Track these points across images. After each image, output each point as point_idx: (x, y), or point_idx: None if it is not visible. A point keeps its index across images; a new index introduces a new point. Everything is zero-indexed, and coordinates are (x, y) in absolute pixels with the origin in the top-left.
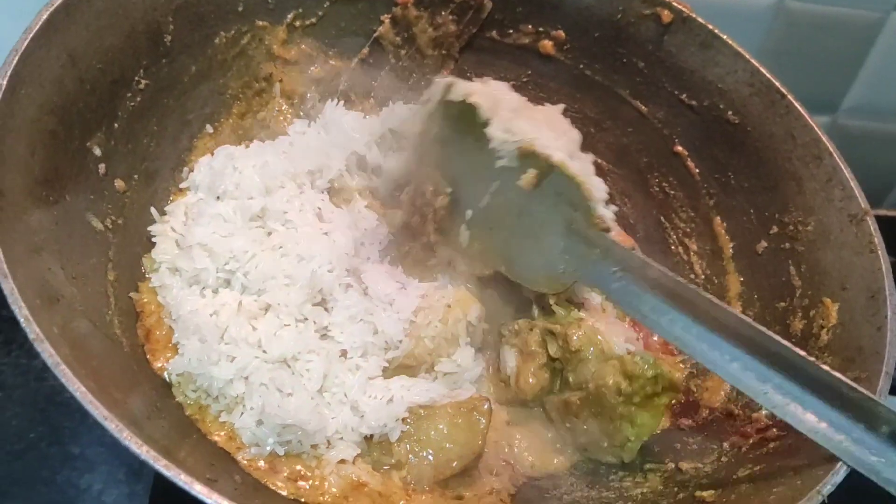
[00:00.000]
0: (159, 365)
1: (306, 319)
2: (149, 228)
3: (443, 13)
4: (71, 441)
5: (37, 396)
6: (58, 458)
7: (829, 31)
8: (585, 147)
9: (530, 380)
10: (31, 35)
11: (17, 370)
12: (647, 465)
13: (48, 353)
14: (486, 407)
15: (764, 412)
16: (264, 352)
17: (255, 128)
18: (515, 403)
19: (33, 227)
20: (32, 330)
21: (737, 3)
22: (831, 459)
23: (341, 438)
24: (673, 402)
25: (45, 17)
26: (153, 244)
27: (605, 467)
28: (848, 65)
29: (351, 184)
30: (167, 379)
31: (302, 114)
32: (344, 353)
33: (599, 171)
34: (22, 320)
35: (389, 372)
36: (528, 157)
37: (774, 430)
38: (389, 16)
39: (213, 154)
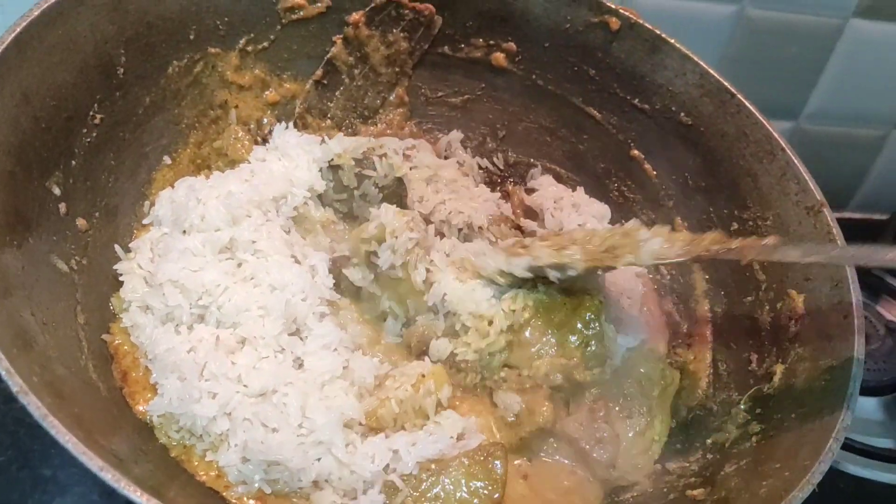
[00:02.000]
0: (140, 408)
1: (283, 350)
2: (115, 267)
3: (394, 31)
4: (42, 464)
5: (5, 419)
6: (28, 481)
7: (789, 37)
8: (541, 155)
9: (543, 408)
10: None
11: None
12: None
13: (34, 405)
14: (500, 451)
15: (743, 406)
16: (245, 386)
17: (213, 156)
18: (527, 444)
19: (3, 276)
20: (15, 382)
21: (697, 11)
22: (815, 451)
23: (328, 482)
24: None
25: None
26: (120, 283)
27: None
28: (809, 71)
29: (314, 214)
30: (149, 421)
31: (259, 139)
32: (321, 385)
33: (558, 178)
34: (3, 372)
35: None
36: None
37: (755, 423)
38: (341, 36)
39: (173, 186)
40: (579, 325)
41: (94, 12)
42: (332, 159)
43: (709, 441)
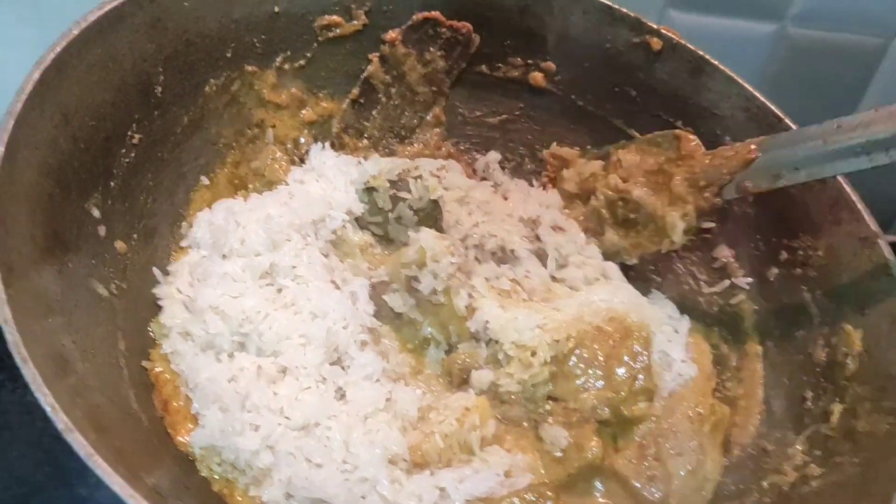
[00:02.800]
0: (181, 438)
1: (325, 380)
2: (153, 291)
3: (431, 49)
4: (79, 482)
5: (42, 436)
6: (65, 499)
7: (831, 57)
8: None
9: (592, 443)
10: (24, 96)
11: (22, 409)
12: None
13: (79, 443)
14: (551, 493)
15: (800, 447)
16: (287, 418)
17: (251, 176)
18: (574, 481)
19: (44, 301)
20: (61, 419)
21: (736, 30)
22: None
23: None
24: None
25: (36, 76)
26: (159, 308)
27: None
28: (851, 91)
29: (353, 238)
30: (190, 453)
31: (297, 159)
32: (364, 418)
33: None
34: (48, 409)
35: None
36: None
37: (814, 465)
38: (378, 54)
39: (210, 208)
40: (626, 358)
41: (133, 30)
42: (368, 181)
43: (765, 483)
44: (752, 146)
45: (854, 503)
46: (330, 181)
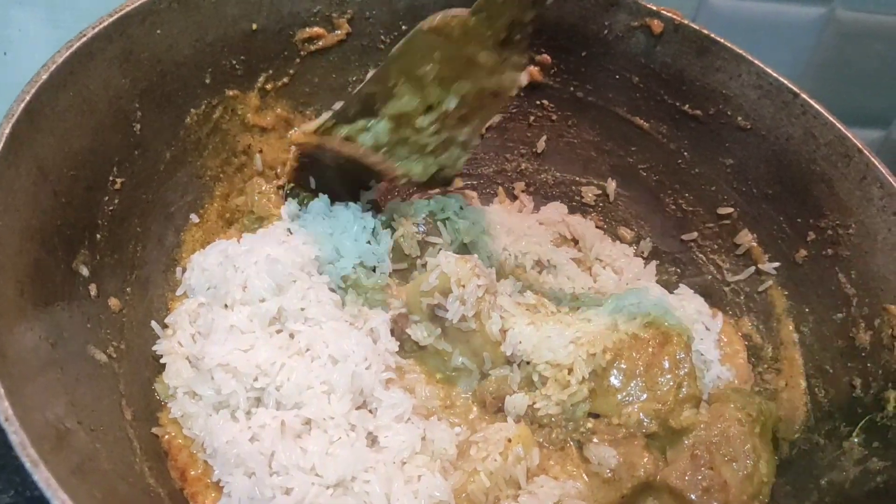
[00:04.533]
0: None
1: (354, 428)
2: (154, 348)
3: None
4: None
5: None
6: None
7: (881, 40)
8: (587, 172)
9: (644, 460)
10: None
11: None
12: None
13: None
14: None
15: (856, 440)
16: (319, 476)
17: (243, 209)
18: (629, 502)
19: (42, 384)
20: None
21: (782, 15)
22: None
23: None
24: None
25: (7, 130)
26: (162, 366)
27: None
28: None
29: (366, 283)
30: None
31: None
32: (401, 464)
33: (605, 196)
34: None
35: None
36: None
37: (875, 459)
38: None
39: (203, 250)
40: (668, 365)
41: (105, 66)
42: (392, 225)
43: (823, 481)
44: None
45: None
46: (339, 223)
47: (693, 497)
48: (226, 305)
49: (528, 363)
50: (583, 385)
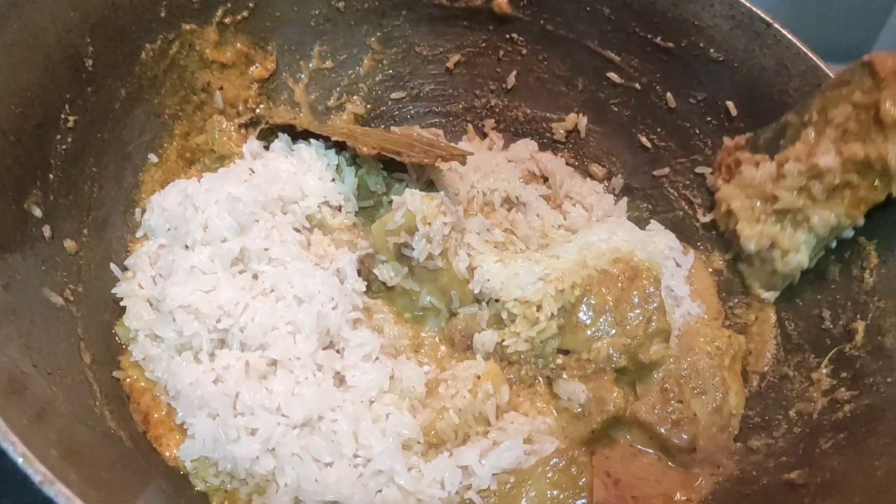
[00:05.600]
0: (170, 453)
1: (321, 368)
2: (113, 290)
3: None
4: None
5: None
6: None
7: None
8: (558, 108)
9: (613, 394)
10: None
11: None
12: None
13: (62, 494)
14: (583, 459)
15: (824, 370)
16: (286, 416)
17: (204, 149)
18: (598, 437)
19: None
20: (37, 471)
21: None
22: None
23: None
24: None
25: None
26: (123, 308)
27: None
28: (877, 10)
29: (331, 222)
30: (182, 467)
31: (248, 124)
32: (369, 403)
33: (576, 132)
34: (20, 461)
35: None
36: None
37: (843, 389)
38: None
39: (163, 190)
40: (637, 299)
41: None
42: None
43: (792, 412)
44: None
45: (895, 426)
46: (304, 162)
47: (663, 430)
48: (186, 246)
49: (496, 301)
50: (552, 321)
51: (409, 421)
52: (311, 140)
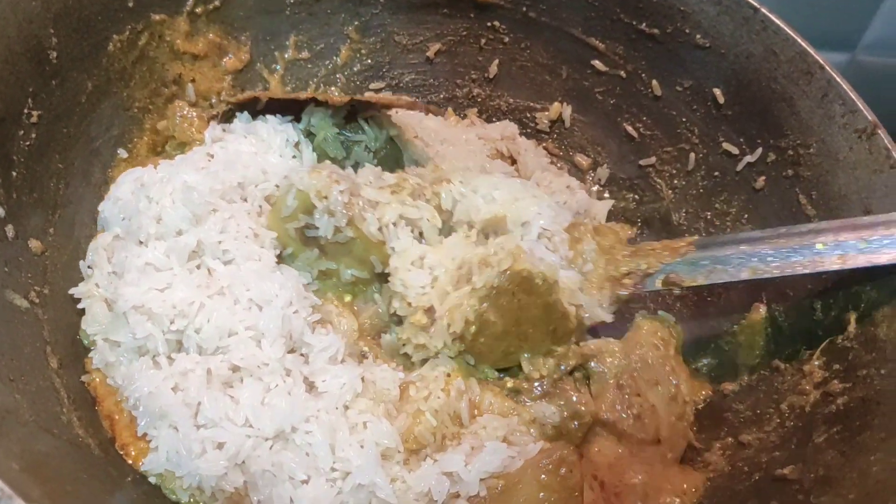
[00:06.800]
0: (139, 464)
1: (290, 373)
2: (70, 291)
3: None
4: None
5: None
6: None
7: None
8: (542, 97)
9: (583, 400)
10: None
11: None
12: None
13: None
14: (572, 458)
15: (816, 363)
16: (253, 428)
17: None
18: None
19: None
20: None
21: None
22: None
23: None
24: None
25: None
26: None
27: None
28: None
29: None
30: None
31: (216, 115)
32: (344, 410)
33: (560, 121)
34: None
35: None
36: None
37: (836, 381)
38: None
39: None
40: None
41: None
42: (312, 131)
43: (784, 406)
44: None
45: (890, 420)
46: (263, 140)
47: (626, 427)
48: (140, 241)
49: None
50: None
51: (388, 429)
52: (268, 116)
